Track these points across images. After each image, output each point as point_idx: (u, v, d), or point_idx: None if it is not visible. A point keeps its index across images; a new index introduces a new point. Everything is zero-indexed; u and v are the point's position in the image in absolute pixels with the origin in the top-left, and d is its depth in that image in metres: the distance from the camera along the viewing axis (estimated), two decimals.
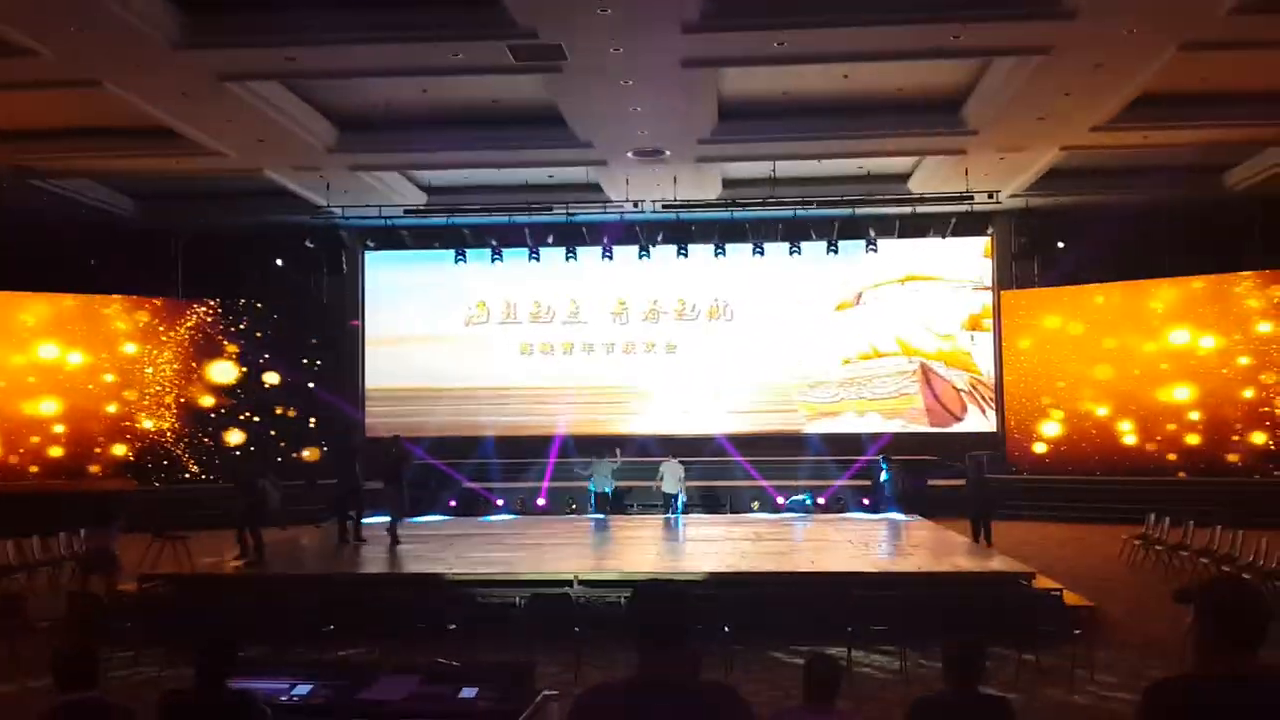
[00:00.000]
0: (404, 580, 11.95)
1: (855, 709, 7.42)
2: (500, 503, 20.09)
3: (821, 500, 19.66)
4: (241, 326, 22.22)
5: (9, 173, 17.53)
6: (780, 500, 19.69)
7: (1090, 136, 16.36)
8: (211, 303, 22.08)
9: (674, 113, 15.26)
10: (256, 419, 22.05)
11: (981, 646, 4.72)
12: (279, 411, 22.09)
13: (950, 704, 4.58)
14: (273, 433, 22.03)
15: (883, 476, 18.43)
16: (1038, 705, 7.93)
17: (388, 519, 14.40)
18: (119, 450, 21.22)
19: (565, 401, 22.19)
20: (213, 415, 21.85)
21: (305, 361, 22.39)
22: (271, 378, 22.13)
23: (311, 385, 22.19)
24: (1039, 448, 21.33)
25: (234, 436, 21.86)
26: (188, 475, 21.52)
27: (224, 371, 22.05)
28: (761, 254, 19.87)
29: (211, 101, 14.41)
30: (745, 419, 22.03)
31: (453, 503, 19.72)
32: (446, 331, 22.66)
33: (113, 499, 16.32)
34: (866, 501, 19.18)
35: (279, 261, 21.22)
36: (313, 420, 22.15)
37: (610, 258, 20.33)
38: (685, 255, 19.87)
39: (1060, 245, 20.50)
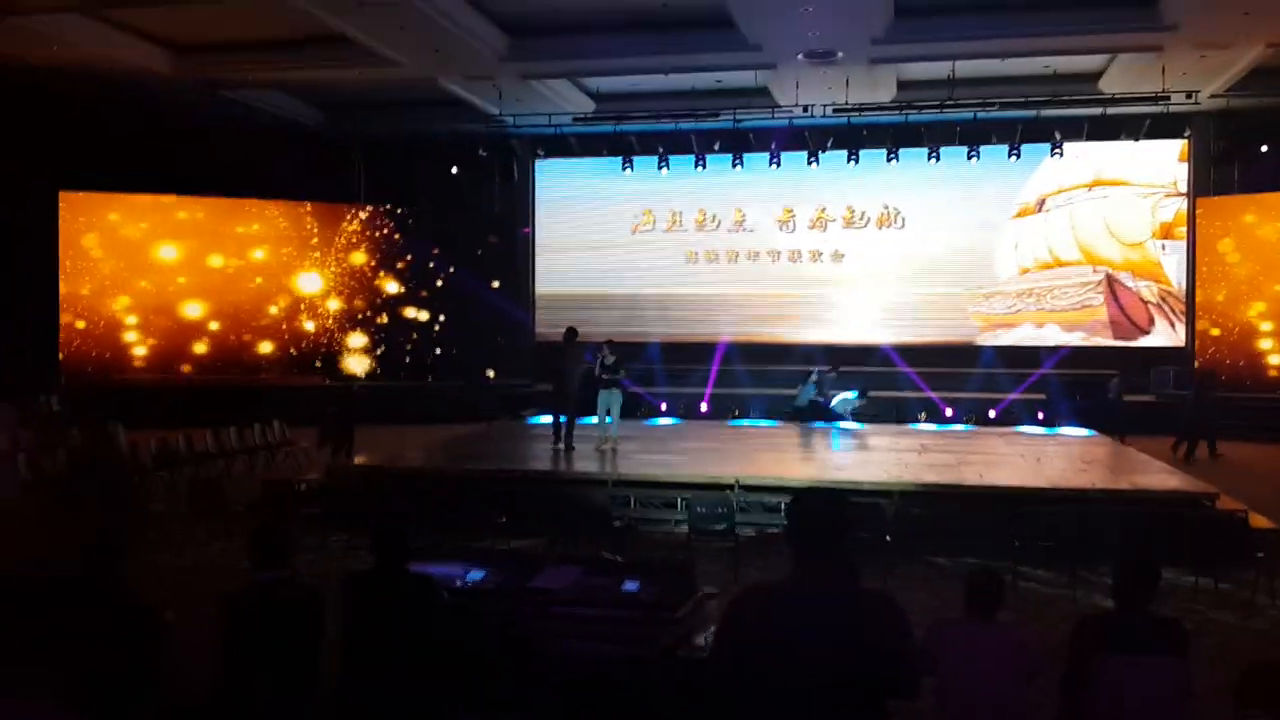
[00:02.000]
0: (571, 479, 12.33)
1: (1018, 623, 7.31)
2: (664, 407, 20.41)
3: (993, 413, 19.14)
4: (405, 231, 22.97)
5: (198, 84, 18.47)
6: (949, 412, 19.26)
7: None
8: (386, 208, 22.94)
9: (847, 11, 14.71)
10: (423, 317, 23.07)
11: (1155, 567, 4.56)
12: (409, 315, 23.07)
13: (1119, 624, 4.46)
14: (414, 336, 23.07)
15: (805, 391, 17.67)
16: (1212, 629, 7.62)
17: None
18: (266, 349, 22.29)
19: (730, 309, 22.18)
20: (362, 316, 22.90)
21: (473, 260, 23.03)
22: (438, 282, 23.00)
23: (441, 284, 22.94)
24: (1238, 364, 19.90)
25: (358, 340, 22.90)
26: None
27: (387, 275, 23.03)
28: (937, 159, 19.18)
29: (388, 11, 14.74)
30: (914, 329, 21.52)
31: None
32: (613, 239, 22.88)
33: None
34: (1041, 415, 18.52)
35: (454, 169, 21.85)
36: (441, 319, 23.01)
37: (778, 164, 19.97)
38: (856, 161, 19.34)
39: (1264, 149, 18.91)
